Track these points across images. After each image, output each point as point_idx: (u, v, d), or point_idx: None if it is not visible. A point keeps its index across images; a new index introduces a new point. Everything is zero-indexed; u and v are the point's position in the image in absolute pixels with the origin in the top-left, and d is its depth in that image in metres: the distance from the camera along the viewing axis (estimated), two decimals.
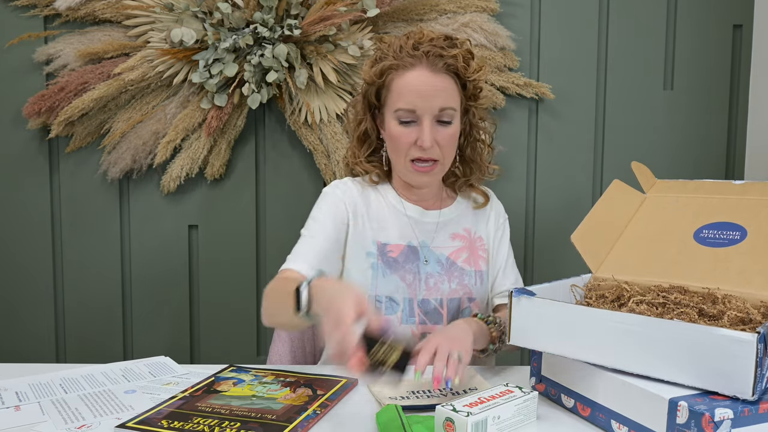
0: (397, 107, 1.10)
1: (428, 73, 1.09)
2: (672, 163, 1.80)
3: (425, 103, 1.08)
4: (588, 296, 1.00)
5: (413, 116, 1.09)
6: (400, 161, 1.14)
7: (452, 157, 1.16)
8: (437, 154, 1.11)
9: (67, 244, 1.81)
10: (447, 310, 1.17)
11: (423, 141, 1.08)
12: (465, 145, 1.21)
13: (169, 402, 0.89)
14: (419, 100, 1.08)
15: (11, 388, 0.97)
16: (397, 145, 1.12)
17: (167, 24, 1.66)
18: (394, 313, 1.14)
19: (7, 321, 1.82)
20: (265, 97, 1.67)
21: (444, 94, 1.09)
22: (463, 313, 1.18)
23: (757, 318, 0.83)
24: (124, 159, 1.72)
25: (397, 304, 1.14)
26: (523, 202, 1.81)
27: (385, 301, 1.14)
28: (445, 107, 1.09)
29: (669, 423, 0.72)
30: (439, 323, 1.16)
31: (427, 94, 1.08)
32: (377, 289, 1.14)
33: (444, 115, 1.10)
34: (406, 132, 1.10)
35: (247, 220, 1.80)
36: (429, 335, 1.04)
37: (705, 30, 1.77)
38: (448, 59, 1.09)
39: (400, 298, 1.14)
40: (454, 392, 0.96)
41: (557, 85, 1.76)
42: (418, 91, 1.08)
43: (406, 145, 1.11)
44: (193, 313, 1.84)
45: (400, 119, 1.10)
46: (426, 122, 1.08)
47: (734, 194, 1.04)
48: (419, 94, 1.08)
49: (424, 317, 1.16)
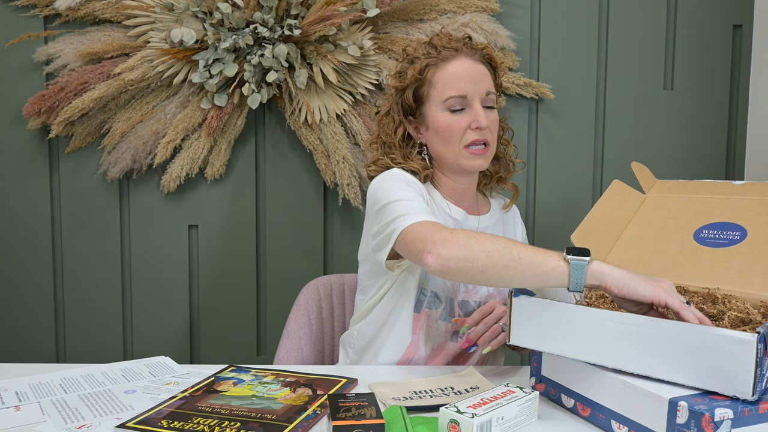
0: (447, 96, 1.14)
1: (470, 61, 1.15)
2: (672, 163, 1.80)
3: (474, 87, 1.13)
4: (588, 296, 1.00)
5: (464, 102, 1.14)
6: (454, 150, 1.15)
7: (496, 144, 1.20)
8: (489, 136, 1.15)
9: (67, 244, 1.81)
10: None
11: (479, 121, 1.12)
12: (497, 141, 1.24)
13: (169, 402, 0.89)
14: (469, 85, 1.13)
15: (11, 388, 0.97)
16: (450, 134, 1.14)
17: (167, 24, 1.66)
18: (435, 308, 1.16)
19: (7, 321, 1.82)
20: (265, 97, 1.67)
21: (487, 79, 1.16)
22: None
23: (757, 318, 0.83)
24: (124, 159, 1.72)
25: (440, 301, 1.16)
26: (523, 202, 1.81)
27: (430, 295, 1.16)
28: (490, 91, 1.16)
29: (669, 423, 0.72)
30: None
31: (474, 79, 1.14)
32: (428, 282, 1.15)
33: (489, 99, 1.16)
34: (457, 119, 1.14)
35: (247, 220, 1.80)
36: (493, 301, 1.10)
37: (705, 30, 1.77)
38: (483, 49, 1.17)
39: (444, 297, 1.17)
40: (456, 391, 0.96)
41: (557, 85, 1.76)
42: (465, 76, 1.13)
43: (459, 131, 1.14)
44: (193, 313, 1.84)
45: (450, 108, 1.14)
46: (477, 104, 1.13)
47: (734, 194, 1.04)
48: (467, 79, 1.13)
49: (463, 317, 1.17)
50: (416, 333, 1.16)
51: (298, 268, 1.80)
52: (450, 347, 1.18)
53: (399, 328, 1.16)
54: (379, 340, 1.18)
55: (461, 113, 1.14)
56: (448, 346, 1.18)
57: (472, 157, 1.15)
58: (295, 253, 1.81)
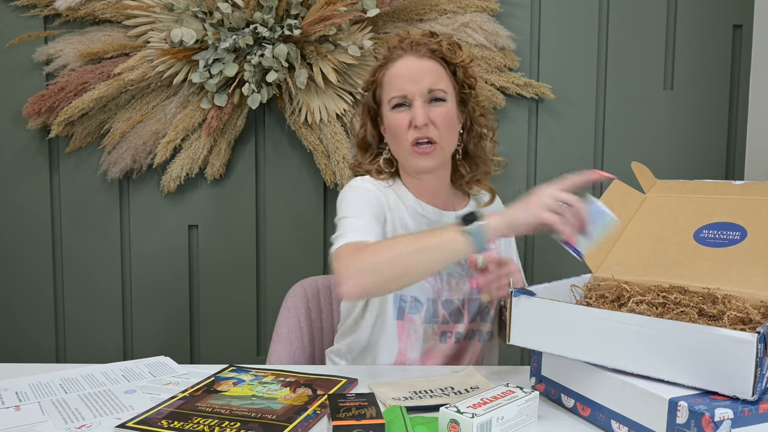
0: (390, 96, 1.14)
1: (414, 59, 1.14)
2: (672, 163, 1.80)
3: (414, 86, 1.12)
4: (588, 296, 1.00)
5: (405, 100, 1.13)
6: (403, 149, 1.15)
7: (452, 140, 1.17)
8: (434, 133, 1.13)
9: (67, 244, 1.81)
10: (468, 309, 1.19)
11: (415, 119, 1.11)
12: (468, 140, 1.22)
13: (169, 402, 0.89)
14: (408, 84, 1.12)
15: (11, 388, 0.97)
16: (396, 132, 1.14)
17: (167, 24, 1.66)
18: (417, 312, 1.16)
19: (7, 321, 1.82)
20: (265, 97, 1.67)
21: (431, 76, 1.13)
22: (482, 314, 1.20)
23: (757, 318, 0.83)
24: (124, 159, 1.72)
25: (421, 304, 1.16)
26: None
27: (410, 300, 1.16)
28: (433, 88, 1.13)
29: (669, 423, 0.72)
30: (460, 322, 1.18)
31: (415, 77, 1.12)
32: (403, 289, 1.15)
33: (435, 94, 1.13)
34: (400, 116, 1.13)
35: (247, 220, 1.80)
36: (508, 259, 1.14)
37: (705, 30, 1.77)
38: (432, 45, 1.15)
39: (424, 299, 1.16)
40: (456, 391, 0.96)
41: (557, 85, 1.76)
42: (406, 75, 1.13)
43: (402, 129, 1.13)
44: (193, 313, 1.84)
45: (394, 107, 1.14)
46: (417, 103, 1.12)
47: (734, 194, 1.04)
48: (407, 78, 1.13)
49: (447, 317, 1.17)
50: (403, 340, 1.16)
51: (298, 269, 1.80)
52: (440, 349, 1.18)
53: (385, 338, 1.17)
54: (370, 354, 1.19)
55: (404, 112, 1.13)
56: (438, 348, 1.18)
57: (418, 156, 1.14)
58: (295, 253, 1.81)
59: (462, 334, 1.18)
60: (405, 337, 1.16)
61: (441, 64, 1.15)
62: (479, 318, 1.20)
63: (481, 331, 1.21)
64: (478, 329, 1.20)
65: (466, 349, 1.20)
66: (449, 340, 1.17)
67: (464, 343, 1.20)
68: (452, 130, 1.16)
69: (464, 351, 1.20)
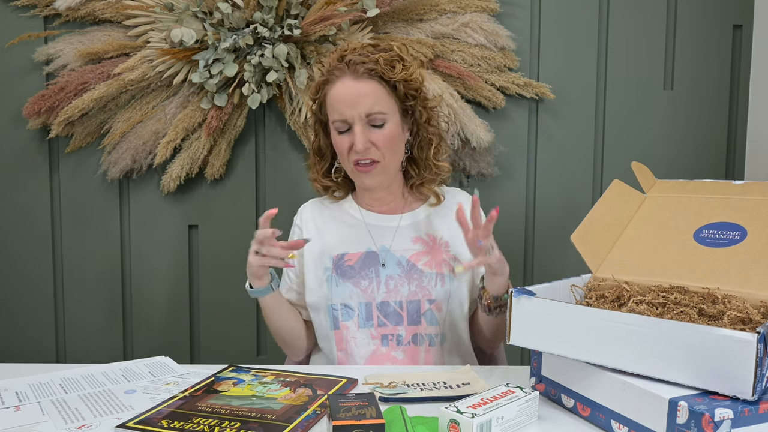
0: (333, 119, 1.16)
1: (351, 81, 1.13)
2: (672, 163, 1.80)
3: (352, 111, 1.13)
4: (588, 296, 1.00)
5: (346, 125, 1.15)
6: (348, 167, 1.19)
7: (395, 157, 1.19)
8: (376, 154, 1.15)
9: (67, 244, 1.81)
10: (407, 312, 1.18)
11: (356, 144, 1.13)
12: (414, 144, 1.22)
13: (169, 402, 0.89)
14: (347, 109, 1.13)
15: (11, 388, 0.97)
16: (341, 152, 1.18)
17: (167, 24, 1.66)
18: (350, 319, 1.18)
19: (7, 321, 1.82)
20: (265, 97, 1.67)
21: (368, 99, 1.13)
22: (424, 316, 1.18)
23: (757, 318, 0.83)
24: (124, 159, 1.72)
25: (353, 309, 1.18)
26: (523, 202, 1.81)
27: (341, 308, 1.18)
28: (371, 112, 1.13)
29: (669, 423, 0.72)
30: (400, 325, 1.18)
31: (352, 102, 1.13)
32: (332, 298, 1.19)
33: (373, 119, 1.13)
34: (343, 139, 1.16)
35: (247, 220, 1.80)
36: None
37: (705, 30, 1.77)
38: (369, 64, 1.12)
39: (355, 304, 1.18)
40: (447, 386, 0.97)
41: (557, 85, 1.76)
42: (344, 100, 1.13)
43: (345, 151, 1.16)
44: (193, 313, 1.84)
45: (338, 130, 1.16)
46: (357, 128, 1.13)
47: (734, 194, 1.04)
48: (345, 102, 1.13)
49: (384, 319, 1.18)
50: (341, 349, 1.18)
51: None
52: (383, 353, 1.17)
53: (328, 350, 1.21)
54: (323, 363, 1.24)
55: (346, 134, 1.15)
56: (380, 351, 1.17)
57: (360, 175, 1.17)
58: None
59: (404, 338, 1.18)
60: (344, 345, 1.18)
61: (379, 83, 1.13)
62: (424, 321, 1.18)
63: (430, 335, 1.18)
64: (427, 333, 1.18)
65: (417, 355, 1.18)
66: (391, 343, 1.17)
67: (414, 348, 1.18)
68: (395, 147, 1.17)
69: (416, 356, 1.18)
